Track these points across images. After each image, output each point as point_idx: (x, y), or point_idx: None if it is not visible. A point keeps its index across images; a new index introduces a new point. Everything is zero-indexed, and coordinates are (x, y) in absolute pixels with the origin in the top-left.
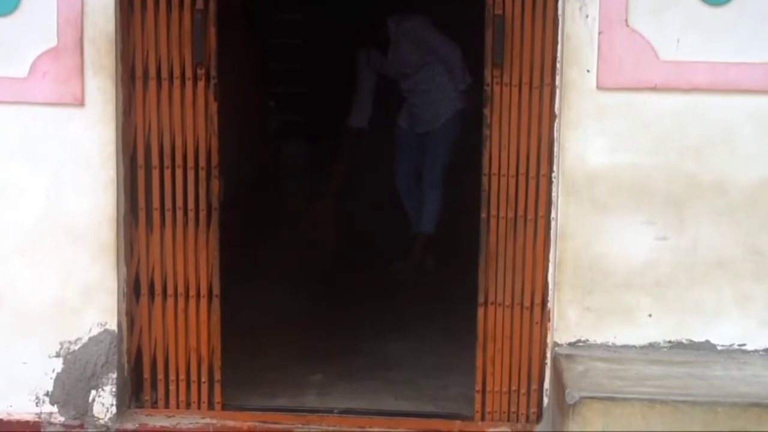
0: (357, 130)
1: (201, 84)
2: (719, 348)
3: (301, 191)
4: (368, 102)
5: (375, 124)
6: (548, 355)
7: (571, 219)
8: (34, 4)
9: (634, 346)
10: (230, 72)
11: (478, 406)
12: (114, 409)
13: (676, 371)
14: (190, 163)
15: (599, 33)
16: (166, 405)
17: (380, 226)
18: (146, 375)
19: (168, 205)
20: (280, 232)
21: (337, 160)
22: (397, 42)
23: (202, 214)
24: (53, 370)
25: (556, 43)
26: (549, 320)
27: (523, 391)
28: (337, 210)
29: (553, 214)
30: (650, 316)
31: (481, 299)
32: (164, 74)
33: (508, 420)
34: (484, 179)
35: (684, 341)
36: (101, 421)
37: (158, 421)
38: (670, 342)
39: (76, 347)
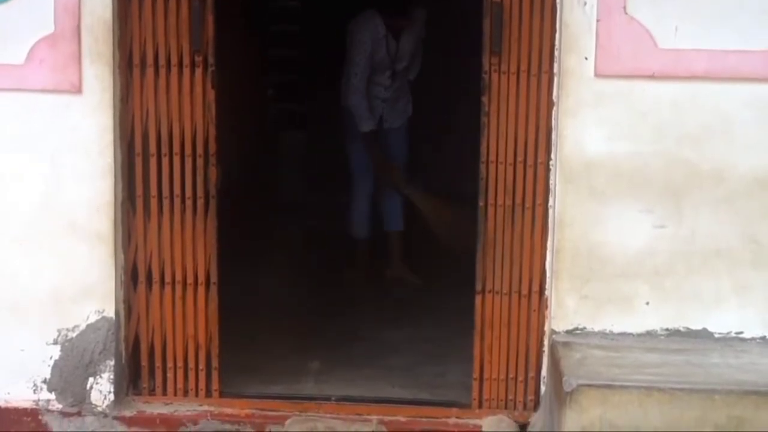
0: (373, 133)
1: (199, 72)
2: (717, 336)
3: (300, 180)
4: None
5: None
6: (546, 342)
7: (569, 207)
8: None
9: (631, 334)
10: (228, 60)
11: (475, 393)
12: (112, 397)
13: (673, 359)
14: (188, 150)
15: (597, 21)
16: (164, 392)
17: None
18: (144, 362)
19: (166, 192)
20: (279, 220)
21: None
22: (411, 29)
23: (200, 202)
24: (51, 358)
25: (555, 30)
26: (547, 308)
27: (520, 378)
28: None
29: (551, 202)
30: (648, 304)
31: (478, 287)
32: (162, 62)
33: (506, 407)
34: (482, 167)
35: (681, 329)
36: (99, 409)
37: (156, 408)
38: (667, 330)
39: (74, 335)
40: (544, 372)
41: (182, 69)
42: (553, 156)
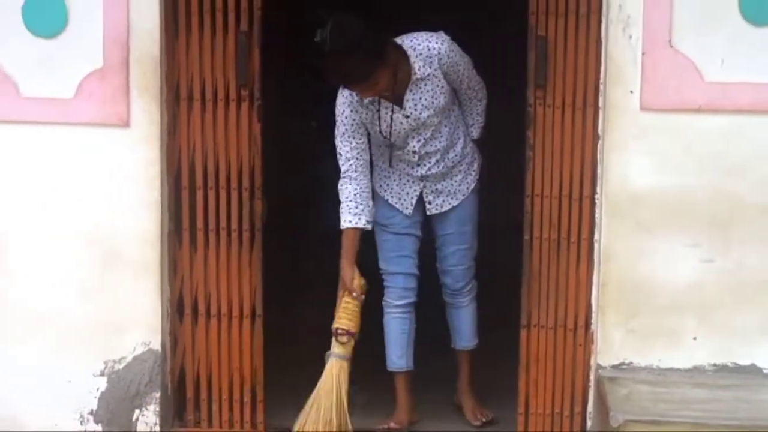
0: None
1: (245, 105)
2: (765, 371)
3: (336, 209)
4: (369, 187)
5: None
6: (592, 377)
7: (614, 241)
8: (81, 25)
9: (678, 369)
10: (273, 92)
11: (521, 427)
12: (157, 428)
13: (721, 395)
14: (234, 183)
15: (643, 53)
16: (209, 425)
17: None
18: (189, 394)
19: (212, 225)
20: (317, 250)
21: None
22: (423, 80)
23: (246, 235)
24: (97, 389)
25: (600, 63)
26: (592, 342)
27: (566, 413)
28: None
29: (596, 236)
30: (695, 338)
31: (524, 321)
32: (208, 95)
33: None
34: (527, 201)
35: (729, 364)
36: None
37: None
38: (715, 365)
39: (120, 366)
40: (590, 407)
41: (228, 103)
42: (598, 189)
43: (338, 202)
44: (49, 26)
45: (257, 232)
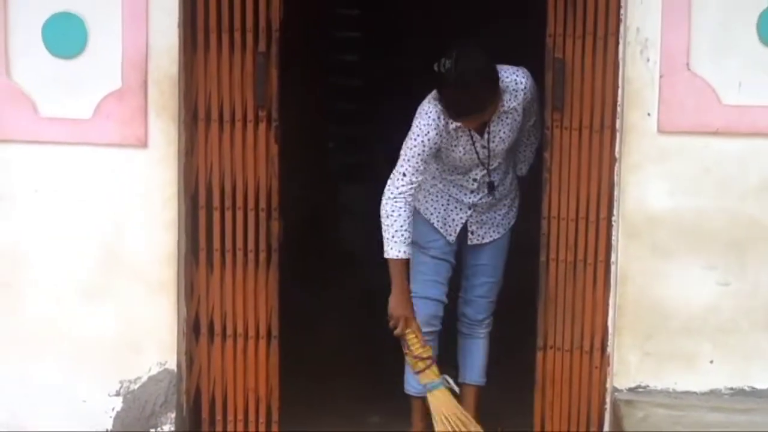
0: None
1: (262, 126)
2: None
3: (358, 232)
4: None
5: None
6: (608, 400)
7: (631, 263)
8: (100, 46)
9: (695, 393)
10: (291, 112)
11: None
12: None
13: (738, 419)
14: (251, 204)
15: (660, 76)
16: None
17: None
18: (205, 415)
19: (228, 245)
20: (338, 272)
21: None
22: (507, 113)
23: (262, 255)
24: (113, 409)
25: (617, 86)
26: (609, 365)
27: None
28: None
29: (613, 258)
30: (711, 362)
31: (540, 343)
32: (226, 116)
33: None
34: (544, 223)
35: (746, 388)
36: None
37: None
38: (731, 389)
39: (136, 386)
40: (606, 430)
41: (246, 123)
42: (615, 211)
43: (358, 221)
44: (68, 46)
45: (273, 253)
